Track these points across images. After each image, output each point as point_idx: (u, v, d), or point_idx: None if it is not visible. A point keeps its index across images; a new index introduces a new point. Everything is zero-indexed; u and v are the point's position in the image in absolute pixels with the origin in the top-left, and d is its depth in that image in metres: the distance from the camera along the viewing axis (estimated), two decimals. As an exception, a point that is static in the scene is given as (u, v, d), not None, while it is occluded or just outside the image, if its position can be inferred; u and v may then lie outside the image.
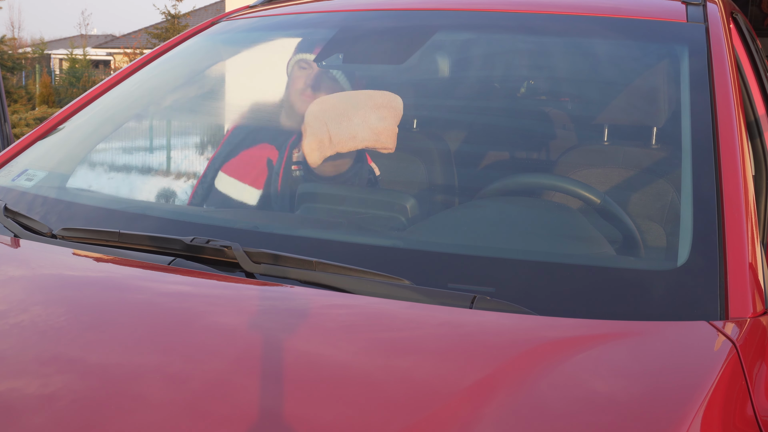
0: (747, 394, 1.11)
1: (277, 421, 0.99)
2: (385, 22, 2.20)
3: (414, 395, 1.05)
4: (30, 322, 1.25)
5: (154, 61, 2.22)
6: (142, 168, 14.16)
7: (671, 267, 1.35)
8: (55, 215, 1.72)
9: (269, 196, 2.09)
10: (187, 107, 2.57)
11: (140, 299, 1.36)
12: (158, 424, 0.99)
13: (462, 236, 1.60)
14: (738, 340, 1.19)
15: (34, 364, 1.13)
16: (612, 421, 1.01)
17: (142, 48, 25.28)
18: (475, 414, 1.00)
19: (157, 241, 1.49)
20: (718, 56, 1.73)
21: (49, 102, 19.85)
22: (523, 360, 1.14)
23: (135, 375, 1.11)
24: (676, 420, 0.99)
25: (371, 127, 1.82)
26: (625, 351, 1.18)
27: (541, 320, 1.24)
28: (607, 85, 2.17)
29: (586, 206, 1.67)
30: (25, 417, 1.01)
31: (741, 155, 1.48)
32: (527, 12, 2.07)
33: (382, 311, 1.29)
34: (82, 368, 1.13)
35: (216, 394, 1.04)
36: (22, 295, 1.38)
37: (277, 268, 1.37)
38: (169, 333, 1.23)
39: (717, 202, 1.40)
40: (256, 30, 2.37)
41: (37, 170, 1.91)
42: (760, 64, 2.46)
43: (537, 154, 2.28)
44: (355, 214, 1.82)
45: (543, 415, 1.01)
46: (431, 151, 2.17)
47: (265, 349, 1.14)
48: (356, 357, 1.17)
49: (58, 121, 2.05)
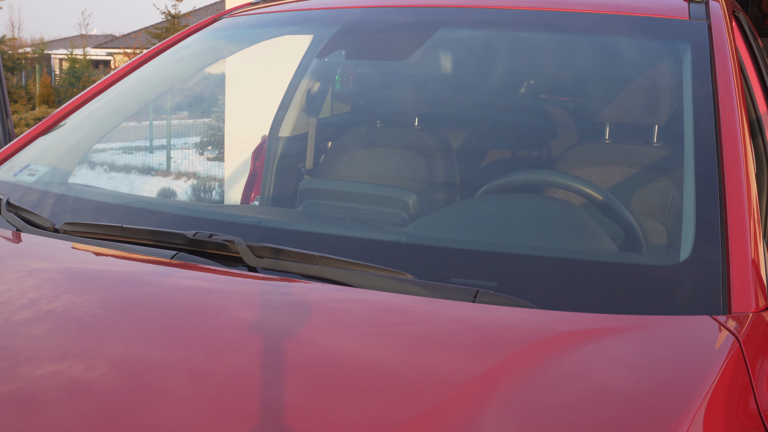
0: (750, 388, 1.11)
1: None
2: (387, 19, 2.20)
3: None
4: (45, 317, 1.25)
5: (156, 58, 2.22)
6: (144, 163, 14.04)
7: (674, 262, 1.35)
8: (58, 210, 1.72)
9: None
10: (189, 104, 2.57)
11: (151, 294, 1.36)
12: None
13: (464, 231, 1.60)
14: (741, 334, 1.19)
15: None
16: (616, 413, 1.01)
17: (142, 48, 25.27)
18: (487, 406, 1.00)
19: (160, 235, 1.49)
20: (721, 54, 1.73)
21: (49, 102, 19.84)
22: (530, 353, 1.14)
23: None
24: (680, 414, 0.99)
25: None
26: (628, 345, 1.19)
27: (545, 314, 1.24)
28: (609, 82, 2.17)
29: (588, 202, 1.67)
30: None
31: (743, 151, 1.48)
32: (529, 9, 2.07)
33: (394, 305, 1.29)
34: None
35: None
36: (31, 290, 1.38)
37: (280, 263, 1.38)
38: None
39: (719, 198, 1.40)
40: (257, 27, 2.37)
41: (39, 165, 1.91)
42: (762, 62, 2.46)
43: (539, 151, 2.29)
44: (358, 209, 1.83)
45: (549, 408, 1.01)
46: (433, 147, 2.17)
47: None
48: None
49: (60, 117, 2.05)
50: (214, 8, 32.74)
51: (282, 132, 2.99)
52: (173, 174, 12.48)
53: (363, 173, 2.28)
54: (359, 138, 2.43)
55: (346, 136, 2.53)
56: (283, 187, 2.79)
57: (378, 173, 2.24)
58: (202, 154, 13.39)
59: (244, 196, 4.33)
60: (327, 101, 3.11)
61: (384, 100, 2.58)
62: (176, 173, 12.50)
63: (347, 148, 2.39)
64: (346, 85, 3.14)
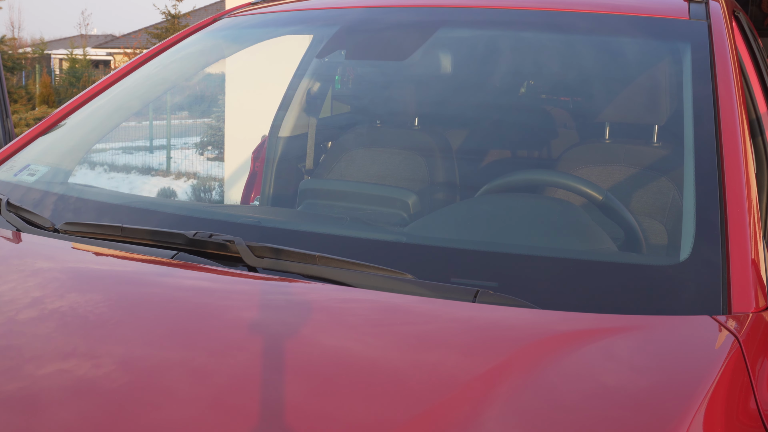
0: (750, 388, 1.11)
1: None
2: (387, 19, 2.20)
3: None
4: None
5: (156, 58, 2.22)
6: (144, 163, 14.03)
7: (674, 262, 1.35)
8: (58, 210, 1.72)
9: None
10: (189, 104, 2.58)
11: (152, 293, 1.36)
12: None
13: (464, 231, 1.60)
14: (741, 334, 1.19)
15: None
16: (615, 413, 1.01)
17: (142, 48, 25.26)
18: (488, 406, 1.00)
19: (160, 235, 1.49)
20: (721, 53, 1.73)
21: (49, 102, 19.84)
22: (531, 353, 1.14)
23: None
24: (680, 414, 0.99)
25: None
26: (628, 345, 1.19)
27: (545, 314, 1.24)
28: (609, 82, 2.17)
29: (588, 202, 1.67)
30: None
31: (743, 151, 1.48)
32: (529, 9, 2.07)
33: (394, 305, 1.29)
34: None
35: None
36: (33, 290, 1.37)
37: (280, 263, 1.38)
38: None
39: (719, 198, 1.40)
40: (257, 27, 2.37)
41: (39, 165, 1.91)
42: (762, 62, 2.46)
43: (539, 151, 2.29)
44: (358, 209, 1.83)
45: (550, 407, 1.01)
46: (433, 147, 2.17)
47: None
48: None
49: (60, 117, 2.05)
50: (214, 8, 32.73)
51: (282, 132, 2.99)
52: (173, 174, 12.48)
53: (363, 173, 2.28)
54: (359, 138, 2.43)
55: (346, 136, 2.53)
56: (283, 187, 2.79)
57: (378, 173, 2.24)
58: (202, 154, 13.39)
59: (244, 196, 4.34)
60: (327, 101, 3.11)
61: (384, 100, 2.58)
62: (176, 173, 12.50)
63: (347, 148, 2.39)
64: (346, 85, 3.14)
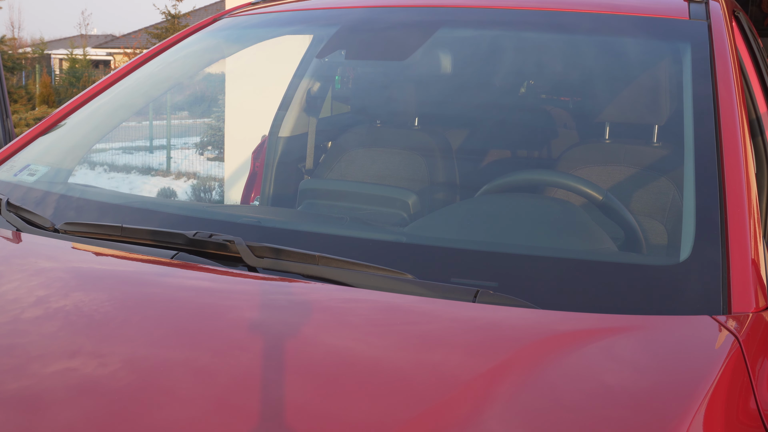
0: (750, 388, 1.11)
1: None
2: (387, 19, 2.20)
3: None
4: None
5: (156, 58, 2.22)
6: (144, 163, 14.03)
7: (674, 262, 1.35)
8: (58, 210, 1.72)
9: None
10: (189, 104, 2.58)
11: (153, 293, 1.36)
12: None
13: (464, 231, 1.60)
14: (741, 334, 1.19)
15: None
16: (615, 413, 1.01)
17: (142, 48, 25.26)
18: (489, 405, 1.00)
19: (160, 235, 1.49)
20: (721, 53, 1.73)
21: (49, 102, 19.83)
22: (531, 353, 1.14)
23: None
24: (680, 413, 0.99)
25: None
26: (628, 345, 1.19)
27: (545, 314, 1.25)
28: (609, 82, 2.17)
29: (588, 202, 1.67)
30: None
31: (743, 151, 1.48)
32: (529, 9, 2.07)
33: (395, 305, 1.29)
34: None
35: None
36: (35, 290, 1.37)
37: (280, 263, 1.38)
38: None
39: (719, 198, 1.40)
40: (257, 27, 2.37)
41: (39, 165, 1.92)
42: (762, 62, 2.46)
43: (539, 151, 2.29)
44: (358, 209, 1.83)
45: (551, 407, 1.01)
46: (433, 147, 2.17)
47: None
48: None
49: (60, 117, 2.05)
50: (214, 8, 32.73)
51: (282, 132, 2.99)
52: (173, 174, 12.48)
53: (363, 173, 2.28)
54: (359, 138, 2.44)
55: (346, 136, 2.53)
56: (283, 187, 2.79)
57: (378, 173, 2.24)
58: (202, 154, 13.39)
59: (244, 196, 4.34)
60: (327, 101, 3.12)
61: (384, 100, 2.58)
62: (176, 173, 12.50)
63: (347, 148, 2.40)
64: (346, 85, 3.14)
